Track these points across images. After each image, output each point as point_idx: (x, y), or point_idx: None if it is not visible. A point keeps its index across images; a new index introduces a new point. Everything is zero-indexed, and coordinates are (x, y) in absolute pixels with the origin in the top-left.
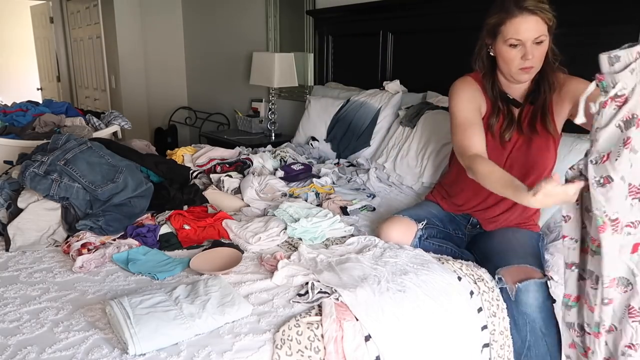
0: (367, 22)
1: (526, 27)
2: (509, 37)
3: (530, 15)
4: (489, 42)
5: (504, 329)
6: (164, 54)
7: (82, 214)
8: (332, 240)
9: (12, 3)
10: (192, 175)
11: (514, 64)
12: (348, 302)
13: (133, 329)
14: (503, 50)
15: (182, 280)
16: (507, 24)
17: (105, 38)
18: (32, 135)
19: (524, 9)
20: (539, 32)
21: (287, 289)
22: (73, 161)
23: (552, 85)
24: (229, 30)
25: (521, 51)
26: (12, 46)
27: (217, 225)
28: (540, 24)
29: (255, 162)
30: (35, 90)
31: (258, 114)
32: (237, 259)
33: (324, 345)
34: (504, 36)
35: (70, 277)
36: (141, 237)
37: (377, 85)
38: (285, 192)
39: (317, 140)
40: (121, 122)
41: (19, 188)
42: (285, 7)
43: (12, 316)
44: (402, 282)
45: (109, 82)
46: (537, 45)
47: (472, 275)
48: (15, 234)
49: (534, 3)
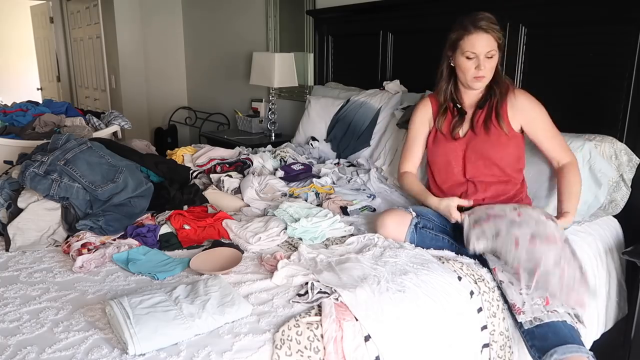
0: (367, 22)
1: (480, 43)
2: (466, 50)
3: (483, 33)
4: (449, 54)
5: (504, 329)
6: (164, 54)
7: (82, 214)
8: (332, 240)
9: (12, 3)
10: (192, 175)
11: (469, 73)
12: (348, 302)
13: (133, 329)
14: (460, 61)
15: (182, 280)
16: (465, 39)
17: (105, 38)
18: (32, 135)
19: (479, 28)
20: (490, 47)
21: (287, 289)
22: (73, 161)
23: (502, 90)
24: (229, 30)
25: (475, 62)
26: (12, 46)
27: (217, 225)
28: (491, 41)
29: (255, 162)
30: (35, 90)
31: (258, 114)
32: (237, 259)
33: (324, 346)
34: (462, 49)
35: (70, 277)
36: (141, 237)
37: (377, 85)
38: (285, 192)
39: (317, 140)
40: (121, 122)
41: (19, 188)
42: (285, 7)
43: (12, 316)
44: (402, 282)
45: (109, 82)
46: (488, 59)
47: (472, 275)
48: (15, 234)
49: (486, 24)
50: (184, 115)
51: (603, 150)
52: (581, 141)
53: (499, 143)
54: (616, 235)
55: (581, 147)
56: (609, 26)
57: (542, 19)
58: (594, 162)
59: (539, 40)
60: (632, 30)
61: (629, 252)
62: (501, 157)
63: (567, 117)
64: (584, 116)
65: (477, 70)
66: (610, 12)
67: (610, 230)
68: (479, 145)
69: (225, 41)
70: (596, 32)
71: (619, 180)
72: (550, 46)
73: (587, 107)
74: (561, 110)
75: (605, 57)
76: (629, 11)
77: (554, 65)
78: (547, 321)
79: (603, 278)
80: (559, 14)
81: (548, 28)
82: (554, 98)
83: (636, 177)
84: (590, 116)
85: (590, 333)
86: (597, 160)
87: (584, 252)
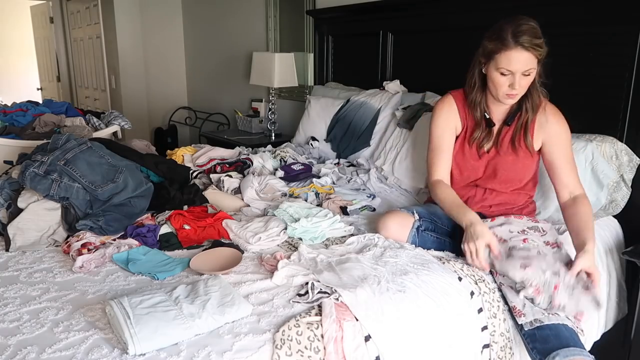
0: (367, 22)
1: (518, 61)
2: (501, 67)
3: (524, 51)
4: (483, 61)
5: (504, 330)
6: (164, 54)
7: (82, 214)
8: (332, 240)
9: (12, 3)
10: (192, 175)
11: (501, 90)
12: (348, 302)
13: (133, 329)
14: (494, 76)
15: (182, 280)
16: (502, 54)
17: (105, 38)
18: (32, 135)
19: (519, 45)
20: (529, 65)
21: (287, 289)
22: (73, 161)
23: (535, 106)
24: (229, 30)
25: (510, 80)
26: (12, 46)
27: (217, 225)
28: (531, 59)
29: (255, 162)
30: (35, 90)
31: (258, 114)
32: (237, 259)
33: (324, 346)
34: (497, 64)
35: (70, 277)
36: (141, 237)
37: (377, 85)
38: (285, 192)
39: (317, 140)
40: (121, 122)
41: (19, 188)
42: (285, 7)
43: (12, 316)
44: (402, 282)
45: (109, 82)
46: (524, 76)
47: (473, 276)
48: (15, 234)
49: (529, 40)
50: (184, 115)
51: (604, 151)
52: (583, 142)
53: (523, 164)
54: (616, 235)
55: (584, 148)
56: (609, 26)
57: (542, 19)
58: (596, 163)
59: None
60: (632, 30)
61: (629, 252)
62: (522, 177)
63: (567, 117)
64: (584, 116)
65: (511, 88)
66: (610, 12)
67: (610, 230)
68: (502, 163)
69: (225, 41)
70: (596, 32)
71: (619, 181)
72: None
73: (587, 107)
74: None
75: (605, 57)
76: (628, 11)
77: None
78: (547, 323)
79: (603, 278)
80: (559, 14)
81: (548, 28)
82: (554, 98)
83: (636, 178)
84: (590, 116)
85: (590, 333)
86: (600, 162)
87: None
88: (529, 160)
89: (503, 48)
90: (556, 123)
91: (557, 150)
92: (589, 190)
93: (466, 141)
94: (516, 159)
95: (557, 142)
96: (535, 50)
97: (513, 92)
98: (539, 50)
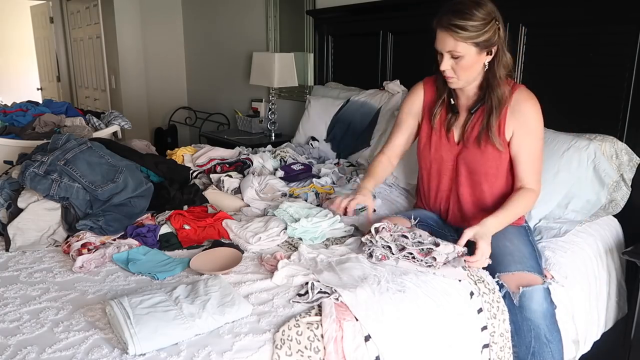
0: (367, 22)
1: (440, 41)
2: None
3: (443, 30)
4: None
5: (504, 330)
6: (164, 54)
7: (82, 214)
8: (332, 240)
9: (12, 3)
10: (192, 175)
11: (440, 70)
12: (348, 302)
13: (133, 329)
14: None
15: (182, 280)
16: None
17: (105, 38)
18: (32, 135)
19: (439, 24)
20: (452, 47)
21: (287, 289)
22: (73, 161)
23: (500, 100)
24: (229, 30)
25: (441, 59)
26: (12, 46)
27: (217, 225)
28: (453, 42)
29: (255, 162)
30: (35, 90)
31: (258, 114)
32: (237, 259)
33: (324, 345)
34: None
35: (70, 277)
36: (141, 237)
37: (377, 85)
38: (285, 192)
39: (317, 140)
40: (121, 122)
41: (19, 188)
42: (285, 7)
43: (12, 316)
44: (402, 282)
45: (109, 82)
46: (455, 59)
47: (472, 276)
48: (15, 234)
49: (447, 19)
50: (184, 115)
51: (604, 150)
52: (586, 141)
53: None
54: (616, 235)
55: (586, 147)
56: (609, 26)
57: (542, 19)
58: (598, 162)
59: (539, 40)
60: (632, 30)
61: (629, 252)
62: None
63: (567, 117)
64: (584, 116)
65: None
66: (610, 12)
67: (610, 230)
68: (470, 158)
69: (225, 41)
70: (596, 32)
71: (619, 180)
72: (550, 46)
73: (587, 107)
74: (561, 110)
75: (605, 57)
76: (628, 11)
77: (554, 65)
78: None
79: (603, 278)
80: (559, 14)
81: (548, 28)
82: (554, 98)
83: (636, 177)
84: (590, 116)
85: (590, 333)
86: (601, 160)
87: (585, 252)
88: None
89: (434, 26)
90: (528, 112)
91: (523, 143)
92: (591, 189)
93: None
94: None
95: (525, 132)
96: (455, 32)
97: (444, 73)
98: (461, 33)
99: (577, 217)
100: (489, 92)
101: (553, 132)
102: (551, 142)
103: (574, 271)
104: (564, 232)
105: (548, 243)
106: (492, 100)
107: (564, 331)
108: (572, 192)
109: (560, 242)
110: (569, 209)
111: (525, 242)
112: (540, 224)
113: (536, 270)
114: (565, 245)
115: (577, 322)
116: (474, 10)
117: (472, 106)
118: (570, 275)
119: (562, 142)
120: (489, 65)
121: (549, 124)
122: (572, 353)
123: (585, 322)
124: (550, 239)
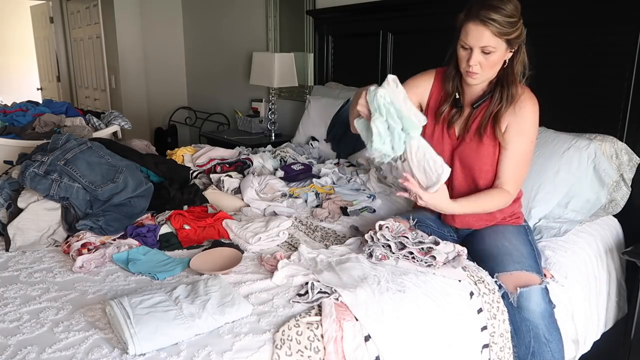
0: (367, 22)
1: (473, 35)
2: (461, 39)
3: (480, 25)
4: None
5: (504, 331)
6: (164, 54)
7: (82, 214)
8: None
9: (12, 3)
10: (192, 175)
11: (462, 65)
12: (348, 302)
13: (133, 329)
14: (458, 49)
15: (182, 280)
16: (463, 26)
17: (105, 38)
18: (32, 135)
19: (477, 18)
20: (485, 42)
21: (287, 289)
22: (73, 161)
23: (511, 98)
24: (229, 30)
25: (469, 55)
26: (12, 46)
27: (217, 225)
28: (488, 36)
29: (255, 162)
30: (35, 90)
31: (258, 114)
32: (237, 259)
33: (324, 345)
34: (460, 36)
35: (70, 277)
36: (141, 237)
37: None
38: (285, 192)
39: (317, 140)
40: (121, 122)
41: (19, 188)
42: (285, 7)
43: (12, 316)
44: (402, 282)
45: (109, 82)
46: (485, 55)
47: (472, 277)
48: (15, 234)
49: (487, 13)
50: (184, 115)
51: (604, 150)
52: (586, 141)
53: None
54: (616, 235)
55: (586, 147)
56: (609, 26)
57: (542, 19)
58: (598, 161)
59: (539, 40)
60: (632, 30)
61: (629, 252)
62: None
63: (568, 117)
64: (584, 116)
65: (468, 65)
66: (610, 12)
67: (610, 230)
68: (466, 152)
69: (225, 41)
70: (596, 32)
71: (619, 180)
72: (550, 46)
73: (587, 106)
74: (561, 110)
75: (605, 57)
76: (628, 11)
77: (554, 65)
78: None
79: (603, 278)
80: (559, 14)
81: (548, 28)
82: (554, 98)
83: (636, 177)
84: (590, 115)
85: (590, 333)
86: (602, 160)
87: (585, 252)
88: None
89: (465, 20)
90: (526, 112)
91: (512, 140)
92: (591, 189)
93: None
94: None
95: (517, 131)
96: (493, 26)
97: (470, 68)
98: (499, 28)
99: (577, 217)
100: (502, 88)
101: (553, 132)
102: (551, 142)
103: (574, 271)
104: (564, 231)
105: (548, 242)
106: (503, 96)
107: (564, 331)
108: (572, 192)
109: (560, 241)
110: (569, 208)
111: (524, 241)
112: (540, 223)
113: (534, 270)
114: (565, 245)
115: (577, 321)
116: (509, 6)
117: (476, 101)
118: (570, 275)
119: (562, 142)
120: (508, 62)
121: (550, 124)
122: (572, 353)
123: (585, 322)
124: (550, 239)
